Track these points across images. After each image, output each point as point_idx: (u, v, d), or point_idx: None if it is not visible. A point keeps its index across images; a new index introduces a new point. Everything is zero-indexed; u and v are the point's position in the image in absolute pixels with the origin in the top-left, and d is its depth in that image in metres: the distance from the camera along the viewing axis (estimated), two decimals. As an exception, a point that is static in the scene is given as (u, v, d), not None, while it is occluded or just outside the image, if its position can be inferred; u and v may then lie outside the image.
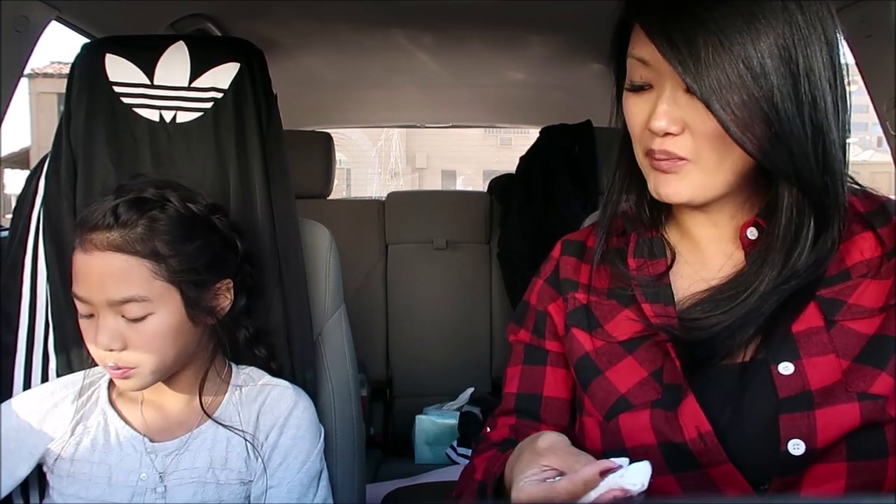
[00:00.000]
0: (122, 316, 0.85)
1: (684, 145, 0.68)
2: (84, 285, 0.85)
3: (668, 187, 0.71)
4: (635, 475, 0.57)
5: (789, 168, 0.66)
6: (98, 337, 0.85)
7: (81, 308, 0.87)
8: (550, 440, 0.63)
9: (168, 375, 0.91)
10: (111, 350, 0.85)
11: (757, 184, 0.72)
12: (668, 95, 0.68)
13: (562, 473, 0.61)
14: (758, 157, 0.66)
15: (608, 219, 0.81)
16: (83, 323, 0.88)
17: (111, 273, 0.84)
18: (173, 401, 0.94)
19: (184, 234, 0.88)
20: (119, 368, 0.86)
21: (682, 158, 0.69)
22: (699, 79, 0.64)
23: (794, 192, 0.68)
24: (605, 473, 0.57)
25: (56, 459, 0.91)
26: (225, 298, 0.93)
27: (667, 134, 0.68)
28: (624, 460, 0.59)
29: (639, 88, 0.71)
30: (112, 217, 0.85)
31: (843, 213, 0.70)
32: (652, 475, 0.57)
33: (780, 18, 0.64)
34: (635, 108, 0.72)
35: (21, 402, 0.94)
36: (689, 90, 0.66)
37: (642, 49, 0.69)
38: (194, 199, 0.92)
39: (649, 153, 0.71)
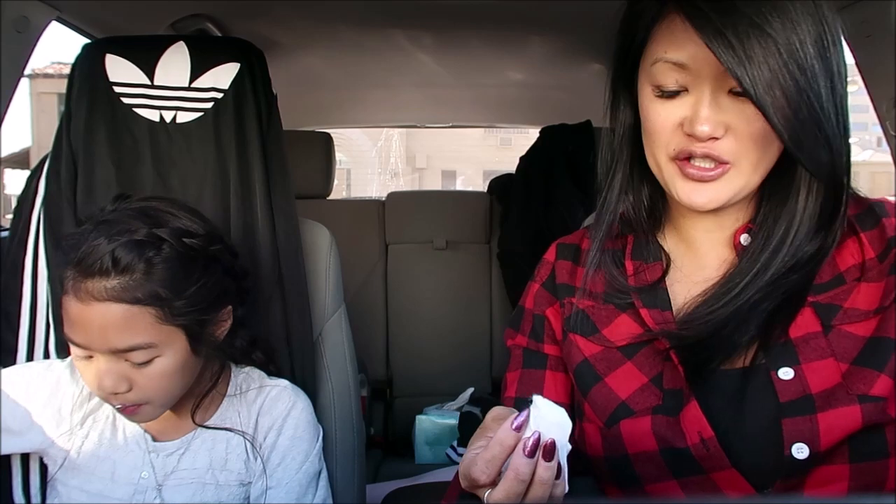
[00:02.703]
0: (126, 360, 0.82)
1: (728, 148, 0.66)
2: (82, 333, 0.81)
3: (704, 195, 0.69)
4: (551, 426, 0.57)
5: (826, 170, 0.65)
6: (102, 382, 0.82)
7: (78, 352, 0.83)
8: (496, 412, 0.63)
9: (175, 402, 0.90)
10: (116, 394, 0.83)
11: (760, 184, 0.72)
12: (710, 99, 0.66)
13: None
14: (806, 162, 0.64)
15: (606, 225, 0.79)
16: (79, 364, 0.85)
17: (113, 323, 0.80)
18: (176, 403, 0.94)
19: (185, 275, 0.84)
20: (126, 408, 0.85)
21: (724, 163, 0.67)
22: (755, 82, 0.61)
23: (811, 190, 0.68)
24: (522, 427, 0.57)
25: (63, 450, 0.91)
26: (225, 323, 0.91)
27: (710, 138, 0.66)
28: (540, 401, 0.58)
29: (671, 94, 0.68)
30: (110, 261, 0.79)
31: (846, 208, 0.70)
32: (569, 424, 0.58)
33: (816, 20, 0.64)
34: (665, 113, 0.69)
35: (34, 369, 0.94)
36: (733, 92, 0.65)
37: (678, 51, 0.66)
38: (189, 232, 0.86)
39: (684, 158, 0.68)
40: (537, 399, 0.58)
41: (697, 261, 0.77)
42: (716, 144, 0.66)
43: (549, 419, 0.57)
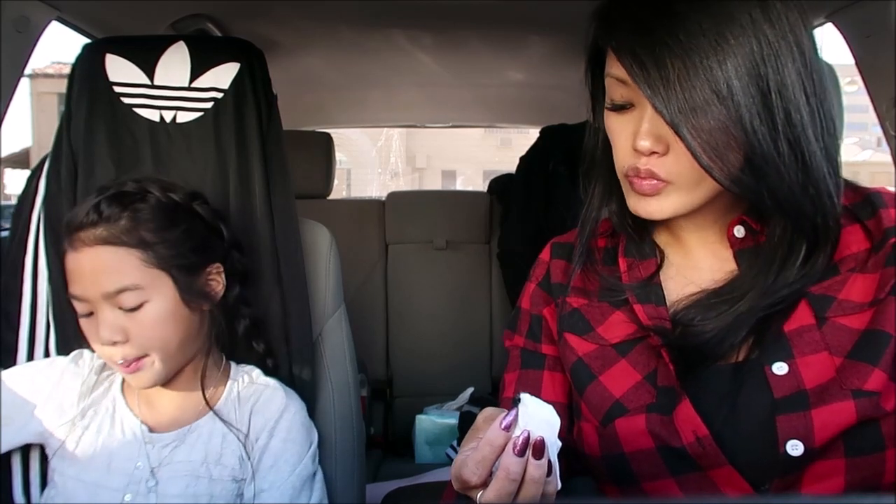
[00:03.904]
0: (120, 308, 0.86)
1: (667, 166, 0.68)
2: (78, 283, 0.87)
3: (648, 206, 0.71)
4: (540, 424, 0.57)
5: (762, 190, 0.65)
6: (99, 332, 0.86)
7: (79, 307, 0.88)
8: (487, 413, 0.63)
9: (178, 367, 0.92)
10: (115, 344, 0.86)
11: None
12: (652, 115, 0.67)
13: None
14: (726, 184, 0.65)
15: (587, 236, 0.80)
16: (84, 323, 0.89)
17: (102, 266, 0.86)
18: (173, 394, 0.95)
19: (168, 222, 0.89)
20: (128, 364, 0.87)
21: (661, 180, 0.68)
22: (668, 102, 0.63)
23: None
24: (511, 427, 0.57)
25: (63, 440, 0.92)
26: (217, 283, 0.94)
27: (652, 153, 0.68)
28: (528, 399, 0.58)
29: (620, 107, 0.70)
30: (95, 214, 0.86)
31: (837, 227, 0.68)
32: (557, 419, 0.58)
33: (749, 35, 0.63)
34: (618, 127, 0.71)
35: (34, 368, 0.97)
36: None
37: (620, 69, 0.68)
38: (173, 189, 0.93)
39: (632, 172, 0.70)
40: (525, 397, 0.59)
41: (690, 259, 0.77)
42: (657, 161, 0.68)
43: (537, 417, 0.57)
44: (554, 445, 0.58)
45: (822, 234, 0.68)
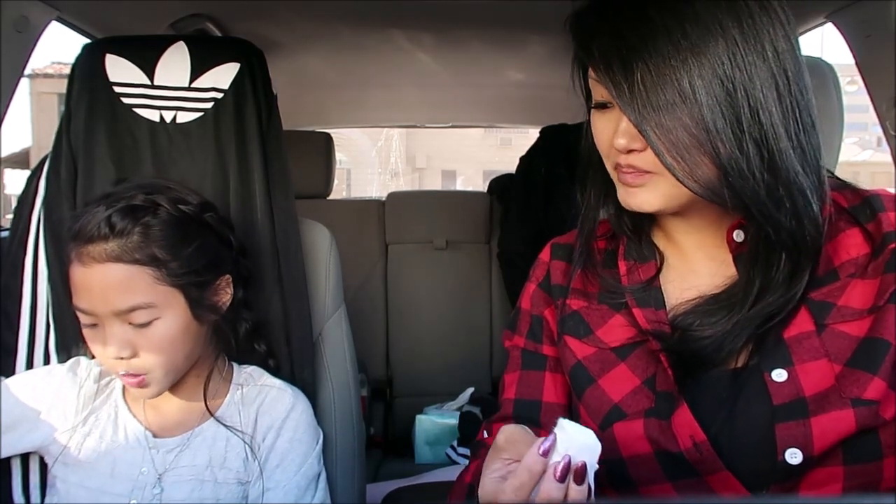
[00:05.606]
0: (129, 323, 0.85)
1: (648, 160, 0.68)
2: (86, 298, 0.85)
3: (636, 198, 0.71)
4: (580, 449, 0.57)
5: (725, 191, 0.65)
6: (107, 347, 0.85)
7: (85, 319, 0.87)
8: (508, 433, 0.62)
9: (180, 377, 0.92)
10: (121, 358, 0.85)
11: None
12: None
13: None
14: (689, 185, 0.65)
15: (586, 236, 0.81)
16: (87, 333, 0.88)
17: (114, 284, 0.84)
18: (177, 399, 0.95)
19: (180, 237, 0.88)
20: (132, 376, 0.87)
21: (647, 172, 0.69)
22: (632, 102, 0.64)
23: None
24: (549, 452, 0.57)
25: (65, 447, 0.92)
26: (226, 294, 0.94)
27: (631, 150, 0.68)
28: (566, 424, 0.58)
29: (602, 106, 0.72)
30: (107, 227, 0.84)
31: (815, 230, 0.67)
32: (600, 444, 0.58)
33: (716, 36, 0.63)
34: (600, 126, 0.73)
35: (35, 375, 0.97)
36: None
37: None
38: (184, 200, 0.91)
39: (617, 167, 0.71)
40: (563, 422, 0.58)
41: (688, 263, 0.77)
42: (637, 156, 0.69)
43: (576, 441, 0.57)
44: (593, 468, 0.57)
45: (800, 239, 0.66)
